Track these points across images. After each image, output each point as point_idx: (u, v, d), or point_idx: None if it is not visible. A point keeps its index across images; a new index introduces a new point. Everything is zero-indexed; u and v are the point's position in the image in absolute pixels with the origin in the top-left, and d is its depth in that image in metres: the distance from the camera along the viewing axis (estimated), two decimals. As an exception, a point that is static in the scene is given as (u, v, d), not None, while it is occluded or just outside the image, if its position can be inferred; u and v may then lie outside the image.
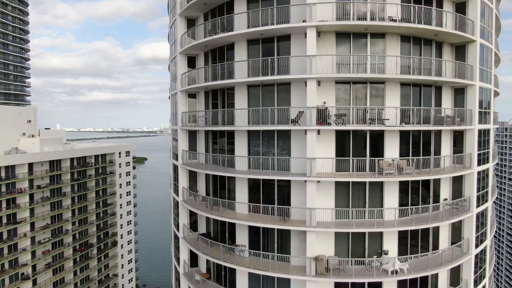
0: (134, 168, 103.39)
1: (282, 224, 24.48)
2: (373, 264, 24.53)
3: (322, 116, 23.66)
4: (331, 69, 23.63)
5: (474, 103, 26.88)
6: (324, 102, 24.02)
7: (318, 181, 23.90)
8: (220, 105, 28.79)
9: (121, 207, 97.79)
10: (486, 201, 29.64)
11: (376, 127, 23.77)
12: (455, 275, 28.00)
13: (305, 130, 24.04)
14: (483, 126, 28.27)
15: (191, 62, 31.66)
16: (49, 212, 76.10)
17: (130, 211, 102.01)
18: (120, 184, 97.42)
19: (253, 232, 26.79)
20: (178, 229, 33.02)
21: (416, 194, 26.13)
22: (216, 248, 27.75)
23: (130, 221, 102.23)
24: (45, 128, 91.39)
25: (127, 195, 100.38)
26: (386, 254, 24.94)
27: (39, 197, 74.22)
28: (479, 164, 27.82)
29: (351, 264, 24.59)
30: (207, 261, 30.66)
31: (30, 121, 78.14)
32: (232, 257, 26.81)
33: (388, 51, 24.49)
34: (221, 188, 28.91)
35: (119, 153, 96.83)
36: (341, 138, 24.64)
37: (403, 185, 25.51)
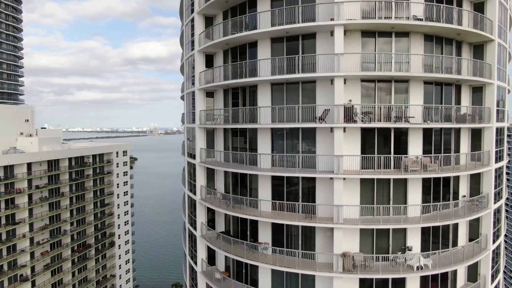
0: (131, 167, 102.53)
1: (309, 221, 24.62)
2: (398, 260, 24.82)
3: (349, 114, 23.84)
4: (357, 67, 23.85)
5: (492, 101, 27.39)
6: (350, 100, 24.21)
7: (344, 178, 24.07)
8: (241, 103, 28.79)
9: (118, 207, 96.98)
10: (501, 197, 30.21)
11: (402, 125, 24.07)
12: (473, 270, 28.45)
13: (331, 128, 24.24)
14: (500, 124, 28.82)
15: (209, 61, 31.56)
16: (47, 213, 75.15)
17: (127, 211, 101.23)
18: (118, 184, 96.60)
19: (277, 229, 26.86)
20: (194, 228, 32.91)
21: (437, 191, 26.50)
22: (238, 246, 27.78)
23: (128, 221, 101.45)
24: (41, 128, 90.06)
25: (124, 195, 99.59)
26: (410, 250, 25.25)
27: (38, 198, 73.22)
28: (496, 161, 28.34)
29: (376, 261, 24.83)
30: (226, 259, 30.66)
31: (27, 120, 77.01)
32: (255, 254, 26.85)
33: (412, 50, 24.80)
34: (242, 186, 28.92)
35: (117, 152, 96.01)
36: (366, 135, 24.87)
37: (425, 182, 25.85)
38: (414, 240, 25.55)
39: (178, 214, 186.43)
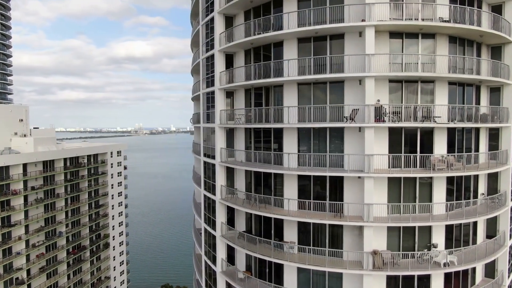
0: (125, 168, 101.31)
1: (338, 220, 24.89)
2: (424, 257, 25.31)
3: (378, 114, 24.21)
4: (386, 68, 24.23)
5: (510, 101, 28.16)
6: (378, 100, 24.56)
7: (373, 177, 24.41)
8: (264, 102, 28.88)
9: (113, 208, 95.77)
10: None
11: (429, 124, 24.56)
12: (490, 266, 29.20)
13: (359, 127, 24.59)
14: (516, 124, 29.62)
15: (227, 61, 31.52)
16: (43, 214, 73.68)
17: (121, 212, 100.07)
18: (112, 185, 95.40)
19: (303, 228, 27.06)
20: (212, 228, 32.84)
21: (458, 189, 27.10)
22: (263, 245, 27.88)
23: (122, 222, 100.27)
24: (34, 127, 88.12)
25: (118, 196, 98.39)
26: (435, 247, 25.77)
27: (33, 199, 71.76)
28: (513, 160, 29.15)
29: (403, 258, 25.27)
30: (247, 259, 30.70)
31: (22, 120, 75.40)
32: (281, 253, 27.00)
33: (438, 51, 25.33)
34: (265, 186, 29.01)
35: (111, 153, 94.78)
36: (393, 135, 25.28)
37: (448, 181, 26.42)
38: (438, 238, 26.10)
39: (169, 214, 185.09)
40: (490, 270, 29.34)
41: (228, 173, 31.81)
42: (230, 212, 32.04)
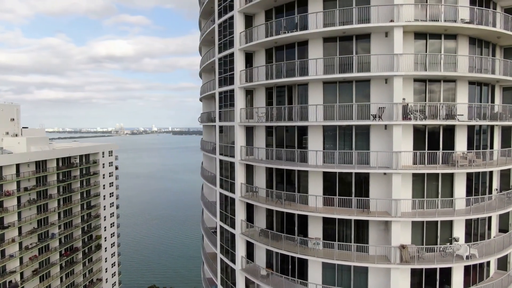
0: (116, 168, 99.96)
1: (366, 216, 25.48)
2: (447, 251, 26.18)
3: (404, 112, 24.93)
4: (411, 67, 24.96)
5: (522, 100, 29.42)
6: (404, 99, 25.27)
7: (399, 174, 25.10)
8: (287, 101, 29.23)
9: (104, 209, 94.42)
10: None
11: (452, 122, 25.44)
12: (502, 259, 30.33)
13: (385, 125, 25.28)
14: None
15: (246, 60, 31.72)
16: (36, 216, 72.10)
17: (113, 213, 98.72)
18: (104, 185, 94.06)
19: (328, 224, 27.54)
20: (230, 226, 32.97)
21: (476, 185, 28.12)
22: (287, 242, 28.27)
23: (113, 223, 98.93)
24: (23, 127, 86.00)
25: (110, 196, 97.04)
26: (457, 241, 26.68)
27: (26, 200, 70.13)
28: (523, 156, 30.41)
29: (427, 251, 26.06)
30: (268, 256, 31.00)
31: (13, 119, 73.57)
32: (306, 249, 27.42)
33: (459, 51, 26.25)
34: (288, 183, 29.37)
35: (103, 153, 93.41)
36: (417, 132, 26.06)
37: (468, 177, 27.37)
38: (459, 232, 27.02)
39: (157, 215, 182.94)
40: (503, 263, 30.50)
41: (247, 171, 32.02)
42: (249, 209, 32.25)
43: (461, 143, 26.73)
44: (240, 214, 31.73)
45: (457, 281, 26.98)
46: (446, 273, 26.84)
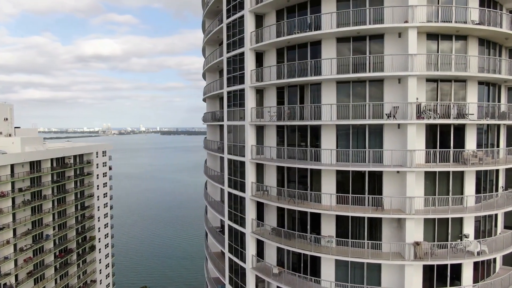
0: (110, 168, 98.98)
1: (380, 213, 25.87)
2: (458, 247, 26.74)
3: (417, 111, 25.40)
4: (424, 67, 25.44)
5: (527, 100, 30.22)
6: (417, 98, 25.73)
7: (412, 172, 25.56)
8: (299, 100, 29.46)
9: (98, 210, 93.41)
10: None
11: (463, 121, 26.03)
12: (508, 255, 31.00)
13: (398, 124, 25.74)
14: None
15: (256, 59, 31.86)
16: (30, 217, 71.00)
17: (106, 213, 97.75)
18: (98, 186, 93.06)
19: (341, 222, 27.87)
20: (240, 225, 33.05)
21: (485, 182, 28.80)
22: (298, 240, 28.57)
23: (107, 224, 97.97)
24: (15, 127, 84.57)
25: (104, 197, 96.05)
26: (467, 237, 27.28)
27: (21, 201, 69.00)
28: (527, 155, 31.22)
29: (439, 248, 26.59)
30: (278, 254, 31.23)
31: (6, 119, 72.30)
32: (319, 247, 27.72)
33: (469, 51, 26.85)
34: (299, 182, 29.61)
35: (96, 153, 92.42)
36: (430, 131, 26.59)
37: (477, 174, 28.01)
38: (469, 228, 27.61)
39: (148, 215, 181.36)
40: (508, 259, 31.24)
41: (257, 170, 32.16)
42: (258, 208, 32.39)
43: (471, 141, 27.34)
44: (250, 213, 31.85)
45: (467, 276, 27.57)
46: (456, 269, 27.41)
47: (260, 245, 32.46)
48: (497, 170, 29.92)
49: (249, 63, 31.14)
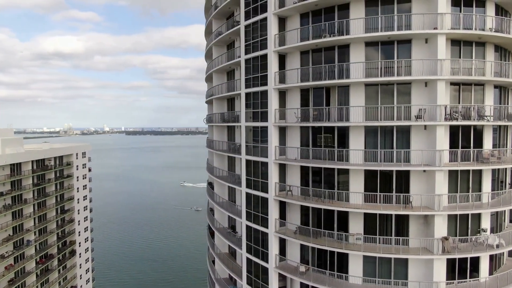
0: (89, 170, 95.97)
1: (409, 210, 27.09)
2: (478, 241, 28.46)
3: (444, 113, 26.84)
4: (448, 71, 26.90)
5: (532, 102, 32.55)
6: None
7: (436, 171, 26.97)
8: (325, 102, 30.21)
9: (78, 213, 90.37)
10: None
11: (482, 122, 27.81)
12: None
13: (425, 126, 27.12)
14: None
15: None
16: (11, 222, 67.78)
17: (86, 217, 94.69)
18: (78, 188, 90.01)
19: (369, 220, 28.88)
20: (262, 225, 33.35)
21: (496, 180, 30.75)
22: (324, 238, 29.40)
23: (87, 227, 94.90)
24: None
25: (84, 199, 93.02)
26: (485, 231, 29.07)
27: (1, 206, 65.75)
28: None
29: (461, 242, 28.19)
30: (302, 252, 31.87)
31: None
32: (347, 244, 28.63)
33: (487, 57, 28.65)
34: (325, 182, 30.36)
35: (76, 154, 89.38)
36: (452, 132, 28.12)
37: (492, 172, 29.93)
38: (486, 223, 29.44)
39: (124, 218, 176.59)
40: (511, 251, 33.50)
41: (280, 170, 32.63)
42: (280, 208, 32.87)
43: (488, 142, 29.13)
44: (274, 213, 32.27)
45: (484, 268, 29.35)
46: (475, 262, 29.13)
47: (282, 244, 32.94)
48: (506, 169, 32.00)
49: (273, 65, 31.54)
